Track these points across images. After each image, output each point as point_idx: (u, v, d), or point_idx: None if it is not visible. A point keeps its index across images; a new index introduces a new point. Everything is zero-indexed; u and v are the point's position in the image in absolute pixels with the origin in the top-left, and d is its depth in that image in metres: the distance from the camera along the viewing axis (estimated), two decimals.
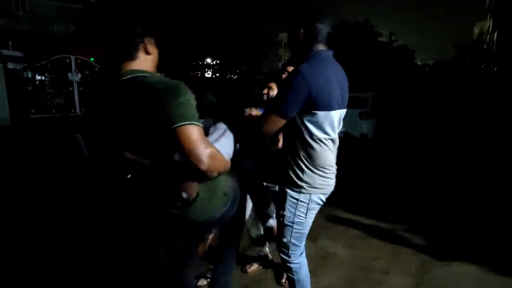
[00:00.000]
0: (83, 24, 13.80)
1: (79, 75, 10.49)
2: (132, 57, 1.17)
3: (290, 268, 1.66)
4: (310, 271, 1.74)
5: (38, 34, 14.41)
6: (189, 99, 1.10)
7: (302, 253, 1.69)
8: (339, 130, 1.57)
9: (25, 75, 9.22)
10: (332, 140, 1.53)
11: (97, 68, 10.91)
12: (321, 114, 1.41)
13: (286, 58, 46.36)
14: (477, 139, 8.39)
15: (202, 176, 1.09)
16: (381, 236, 3.01)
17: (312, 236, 2.59)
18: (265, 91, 2.21)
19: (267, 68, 19.21)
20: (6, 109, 8.82)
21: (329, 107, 1.42)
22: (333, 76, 1.45)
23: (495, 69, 14.07)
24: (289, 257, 1.64)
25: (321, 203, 1.61)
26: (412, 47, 17.53)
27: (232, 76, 15.85)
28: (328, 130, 1.47)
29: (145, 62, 1.20)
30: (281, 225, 1.63)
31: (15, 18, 15.42)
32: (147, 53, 1.21)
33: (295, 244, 1.62)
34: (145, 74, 1.16)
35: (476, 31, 36.47)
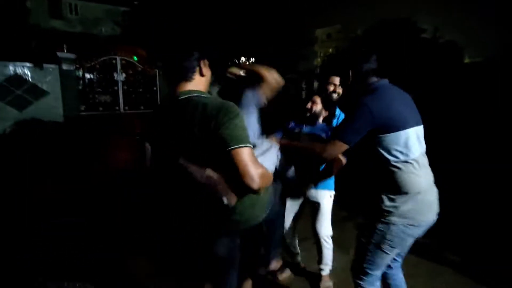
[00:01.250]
0: (128, 25, 14.58)
1: (124, 75, 11.16)
2: (188, 79, 1.31)
3: None
4: (344, 282, 1.77)
5: (88, 35, 15.52)
6: (242, 120, 1.21)
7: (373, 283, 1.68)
8: (422, 150, 1.58)
9: (76, 73, 10.04)
10: (414, 162, 1.51)
11: (140, 68, 11.51)
12: (390, 136, 1.49)
13: (322, 55, 45.45)
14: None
15: (252, 193, 1.22)
16: (419, 252, 2.92)
17: (345, 247, 2.59)
18: (309, 105, 2.21)
19: (303, 66, 18.98)
20: (61, 107, 9.66)
21: (396, 128, 1.49)
22: (396, 100, 1.57)
23: None
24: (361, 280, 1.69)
25: (413, 234, 1.56)
26: (460, 44, 16.36)
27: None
28: (403, 150, 1.50)
29: (199, 83, 1.33)
30: (360, 248, 1.68)
31: (69, 21, 16.73)
32: (202, 75, 1.34)
33: (367, 271, 1.65)
34: (200, 94, 1.29)
35: None
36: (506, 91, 10.81)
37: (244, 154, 1.15)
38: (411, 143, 1.51)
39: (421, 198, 1.52)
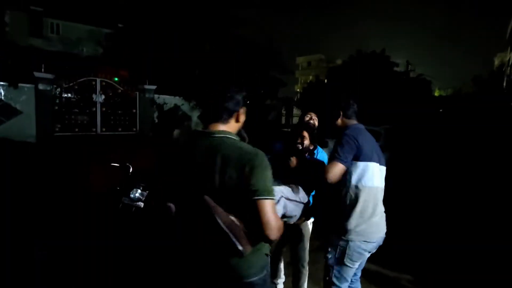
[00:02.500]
0: (112, 47, 14.61)
1: (103, 96, 11.06)
2: (224, 121, 1.33)
3: None
4: None
5: (69, 55, 15.38)
6: (270, 172, 1.25)
7: None
8: (381, 185, 1.87)
9: (52, 93, 9.84)
10: (372, 190, 1.81)
11: (120, 90, 11.47)
12: (360, 164, 1.80)
13: (302, 82, 46.99)
14: (495, 176, 8.17)
15: (267, 242, 1.27)
16: (388, 285, 3.00)
17: (319, 277, 2.62)
18: (299, 140, 2.29)
19: (283, 92, 19.53)
20: (33, 127, 9.37)
21: (366, 158, 1.80)
22: (369, 139, 1.89)
23: None
24: None
25: (367, 249, 1.85)
26: (429, 77, 17.51)
27: (248, 101, 16.17)
28: (366, 179, 1.79)
29: (233, 127, 1.36)
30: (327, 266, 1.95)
31: (49, 40, 16.56)
32: (237, 121, 1.37)
33: (335, 284, 1.91)
34: (233, 137, 1.32)
35: (496, 61, 36.05)
36: (473, 120, 11.60)
37: (269, 206, 1.19)
38: (373, 174, 1.80)
39: (374, 220, 1.83)
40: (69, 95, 10.40)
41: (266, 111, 15.39)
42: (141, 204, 3.61)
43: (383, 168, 1.90)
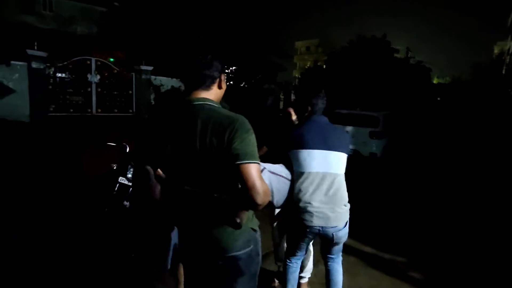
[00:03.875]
0: (107, 26, 14.21)
1: (98, 77, 10.84)
2: (207, 88, 1.33)
3: None
4: None
5: (62, 33, 14.96)
6: (254, 136, 1.24)
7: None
8: (329, 170, 1.95)
9: (46, 72, 9.61)
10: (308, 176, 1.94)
11: (115, 71, 11.24)
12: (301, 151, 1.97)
13: (300, 66, 46.45)
14: (493, 161, 8.24)
15: (254, 208, 1.23)
16: (381, 267, 3.02)
17: (313, 261, 2.63)
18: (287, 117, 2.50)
19: (281, 77, 19.31)
20: (27, 107, 9.19)
21: (309, 146, 1.96)
22: (316, 129, 2.04)
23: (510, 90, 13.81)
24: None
25: (310, 231, 1.96)
26: (428, 65, 17.33)
27: (246, 84, 15.98)
28: (309, 164, 1.93)
29: (215, 94, 1.37)
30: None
31: (42, 17, 16.07)
32: (219, 87, 1.38)
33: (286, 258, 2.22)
34: (214, 104, 1.32)
35: (496, 50, 35.81)
36: (472, 109, 11.60)
37: (254, 169, 1.17)
38: (312, 160, 1.94)
39: (314, 204, 1.91)
40: (63, 74, 10.17)
41: (264, 96, 15.24)
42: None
43: (333, 154, 1.97)
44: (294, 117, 2.47)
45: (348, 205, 2.00)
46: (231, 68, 15.09)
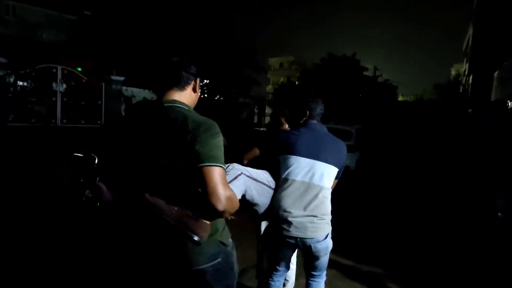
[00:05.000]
0: (76, 35, 13.70)
1: (64, 86, 10.28)
2: (181, 89, 1.30)
3: None
4: None
5: (26, 40, 14.18)
6: (221, 141, 1.20)
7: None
8: (314, 181, 1.86)
9: (6, 80, 8.96)
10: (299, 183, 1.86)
11: (84, 80, 10.75)
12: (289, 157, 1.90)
13: (273, 82, 47.39)
14: (462, 174, 8.69)
15: (216, 215, 1.16)
16: (361, 279, 3.00)
17: (295, 276, 2.54)
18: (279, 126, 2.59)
19: (255, 91, 19.50)
20: None
21: (299, 153, 1.88)
22: (311, 137, 1.95)
23: (469, 110, 14.91)
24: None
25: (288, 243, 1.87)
26: (395, 83, 18.37)
27: (221, 98, 15.94)
28: (292, 172, 1.86)
29: (189, 97, 1.34)
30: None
31: (4, 22, 15.18)
32: (194, 90, 1.36)
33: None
34: (184, 107, 1.27)
35: (453, 72, 38.89)
36: (435, 125, 12.36)
37: (216, 173, 1.12)
38: (299, 168, 1.86)
39: (293, 214, 1.81)
40: (26, 82, 9.54)
41: (239, 109, 15.25)
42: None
43: (321, 165, 1.88)
44: (285, 126, 2.47)
45: (329, 217, 1.92)
46: (204, 81, 15.01)
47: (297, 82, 21.16)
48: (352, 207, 5.39)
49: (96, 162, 3.73)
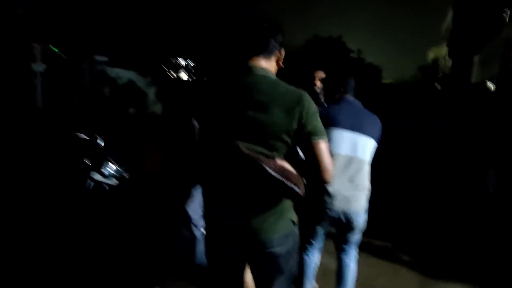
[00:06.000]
0: (51, 10, 12.73)
1: (44, 66, 9.67)
2: (267, 57, 1.21)
3: None
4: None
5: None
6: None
7: None
8: (356, 155, 1.87)
9: None
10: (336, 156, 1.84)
11: (65, 60, 10.16)
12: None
13: None
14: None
15: (321, 184, 1.17)
16: (377, 254, 3.11)
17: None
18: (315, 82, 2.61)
19: None
20: None
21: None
22: (350, 111, 1.96)
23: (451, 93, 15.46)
24: None
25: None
26: (379, 66, 18.64)
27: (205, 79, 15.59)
28: (335, 146, 1.84)
29: (273, 69, 1.25)
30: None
31: None
32: (277, 62, 1.27)
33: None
34: (274, 77, 1.21)
35: (431, 55, 39.83)
36: (414, 108, 12.75)
37: (325, 146, 1.14)
38: (335, 141, 1.85)
39: (333, 188, 1.81)
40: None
41: None
42: (114, 182, 3.23)
43: (363, 138, 1.90)
44: (318, 84, 2.53)
45: (369, 192, 1.96)
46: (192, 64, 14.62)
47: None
48: None
49: (102, 144, 3.54)
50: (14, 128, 6.98)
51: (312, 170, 1.13)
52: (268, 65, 1.22)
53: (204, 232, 1.34)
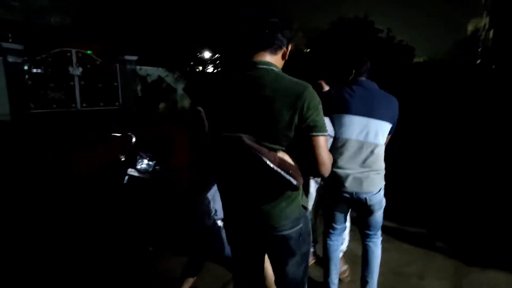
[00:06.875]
0: (80, 16, 13.43)
1: (80, 69, 10.27)
2: (274, 52, 1.23)
3: None
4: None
5: (36, 25, 13.99)
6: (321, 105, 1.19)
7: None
8: (368, 139, 1.87)
9: (24, 67, 8.98)
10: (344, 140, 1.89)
11: (98, 62, 10.69)
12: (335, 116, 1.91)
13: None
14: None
15: (317, 176, 1.21)
16: (410, 240, 3.06)
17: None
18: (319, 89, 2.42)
19: None
20: (6, 104, 8.62)
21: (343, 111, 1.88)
22: (362, 94, 1.91)
23: (493, 67, 14.25)
24: None
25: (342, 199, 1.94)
26: (410, 44, 17.49)
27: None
28: (345, 131, 1.87)
29: (279, 64, 1.26)
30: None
31: (11, 9, 14.95)
32: (283, 57, 1.28)
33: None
34: (278, 70, 1.22)
35: (470, 27, 36.74)
36: (449, 86, 11.89)
37: (323, 141, 1.16)
38: (345, 126, 1.87)
39: (337, 171, 1.87)
40: (42, 68, 9.55)
41: None
42: (148, 176, 3.41)
43: (375, 122, 1.87)
44: (326, 88, 2.44)
45: (383, 172, 1.95)
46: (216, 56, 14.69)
47: (305, 50, 20.47)
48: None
49: (133, 140, 3.72)
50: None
51: (309, 163, 1.15)
52: (273, 59, 1.23)
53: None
